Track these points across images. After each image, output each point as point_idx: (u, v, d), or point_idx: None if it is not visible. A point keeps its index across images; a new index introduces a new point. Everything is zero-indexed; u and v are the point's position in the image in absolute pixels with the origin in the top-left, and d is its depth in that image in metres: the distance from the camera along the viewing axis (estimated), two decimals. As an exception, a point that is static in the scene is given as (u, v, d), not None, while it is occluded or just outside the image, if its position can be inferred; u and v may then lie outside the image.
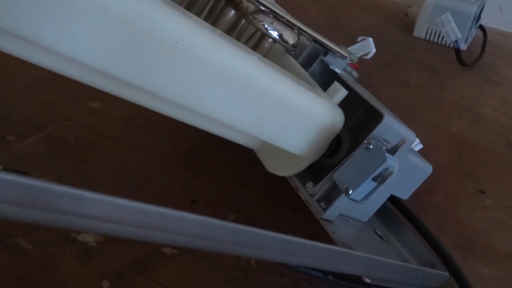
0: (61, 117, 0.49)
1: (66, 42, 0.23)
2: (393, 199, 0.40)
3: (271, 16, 0.35)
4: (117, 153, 0.46)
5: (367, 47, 0.52)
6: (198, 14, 0.37)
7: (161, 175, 0.44)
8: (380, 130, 0.33)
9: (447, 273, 0.36)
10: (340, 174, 0.32)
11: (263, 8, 0.35)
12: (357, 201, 0.32)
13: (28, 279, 0.34)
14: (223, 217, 0.41)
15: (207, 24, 0.29)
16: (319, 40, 0.39)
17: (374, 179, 0.31)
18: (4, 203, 0.15)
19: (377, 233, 0.39)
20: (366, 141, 0.32)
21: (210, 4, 0.37)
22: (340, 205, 0.34)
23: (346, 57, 0.41)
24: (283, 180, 0.38)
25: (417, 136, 0.38)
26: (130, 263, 0.36)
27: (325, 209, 0.34)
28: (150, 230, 0.19)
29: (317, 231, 0.38)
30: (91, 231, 0.18)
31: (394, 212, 0.41)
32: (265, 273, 0.37)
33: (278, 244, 0.24)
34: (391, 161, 0.31)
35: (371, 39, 0.52)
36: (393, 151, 0.32)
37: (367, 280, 0.31)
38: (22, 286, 0.33)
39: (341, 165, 0.33)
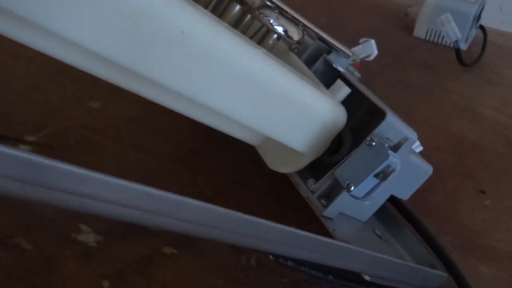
0: (61, 117, 0.49)
1: (74, 29, 0.24)
2: (392, 200, 0.40)
3: (276, 11, 0.35)
4: (117, 153, 0.46)
5: (369, 49, 0.52)
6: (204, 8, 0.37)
7: (161, 175, 0.44)
8: (382, 128, 0.33)
9: (445, 274, 0.36)
10: (342, 171, 0.32)
11: (268, 3, 0.35)
12: (358, 198, 0.32)
13: (28, 279, 0.34)
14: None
15: (214, 16, 0.29)
16: (324, 38, 0.39)
17: (376, 176, 0.31)
18: (6, 178, 0.15)
19: (376, 233, 0.39)
20: (369, 138, 0.32)
21: (215, 0, 0.38)
22: (341, 202, 0.34)
23: (350, 56, 0.41)
24: (283, 180, 0.38)
25: (417, 136, 0.38)
26: (130, 263, 0.36)
27: (326, 206, 0.34)
28: (154, 214, 0.19)
29: (317, 231, 0.38)
30: (94, 213, 0.18)
31: (394, 212, 0.41)
32: (265, 273, 0.37)
33: (279, 234, 0.24)
34: (394, 158, 0.31)
35: (373, 41, 0.52)
36: (395, 148, 0.32)
37: (367, 278, 0.31)
38: (22, 286, 0.33)
39: (343, 161, 0.33)
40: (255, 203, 0.43)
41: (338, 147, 0.36)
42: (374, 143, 0.32)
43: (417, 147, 0.43)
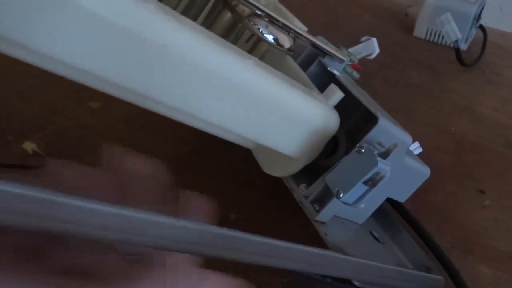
0: (61, 117, 0.49)
1: (53, 46, 0.24)
2: (391, 200, 0.40)
3: (266, 19, 0.35)
4: (117, 153, 0.45)
5: (370, 47, 0.52)
6: (195, 18, 0.37)
7: (161, 175, 0.44)
8: (374, 133, 0.33)
9: (441, 277, 0.36)
10: (332, 177, 0.32)
11: (258, 12, 0.35)
12: (349, 204, 0.32)
13: (28, 279, 0.34)
14: (224, 217, 0.41)
15: (200, 28, 0.29)
16: (317, 44, 0.38)
17: (365, 182, 0.31)
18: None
19: (373, 235, 0.38)
20: (358, 145, 0.32)
21: (207, 8, 0.37)
22: (334, 207, 0.33)
23: (344, 61, 0.40)
24: (283, 180, 0.38)
25: (417, 136, 0.38)
26: (130, 263, 0.36)
27: (318, 211, 0.33)
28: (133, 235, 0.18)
29: (316, 232, 0.38)
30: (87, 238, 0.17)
31: (392, 214, 0.41)
32: (265, 273, 0.37)
33: (260, 247, 0.23)
34: (383, 165, 0.31)
35: (375, 40, 0.51)
36: (384, 155, 0.32)
37: (357, 284, 0.30)
38: (22, 286, 0.33)
39: (334, 167, 0.33)
40: (255, 203, 0.43)
41: (333, 150, 0.36)
42: (363, 150, 0.32)
43: (416, 149, 0.43)
